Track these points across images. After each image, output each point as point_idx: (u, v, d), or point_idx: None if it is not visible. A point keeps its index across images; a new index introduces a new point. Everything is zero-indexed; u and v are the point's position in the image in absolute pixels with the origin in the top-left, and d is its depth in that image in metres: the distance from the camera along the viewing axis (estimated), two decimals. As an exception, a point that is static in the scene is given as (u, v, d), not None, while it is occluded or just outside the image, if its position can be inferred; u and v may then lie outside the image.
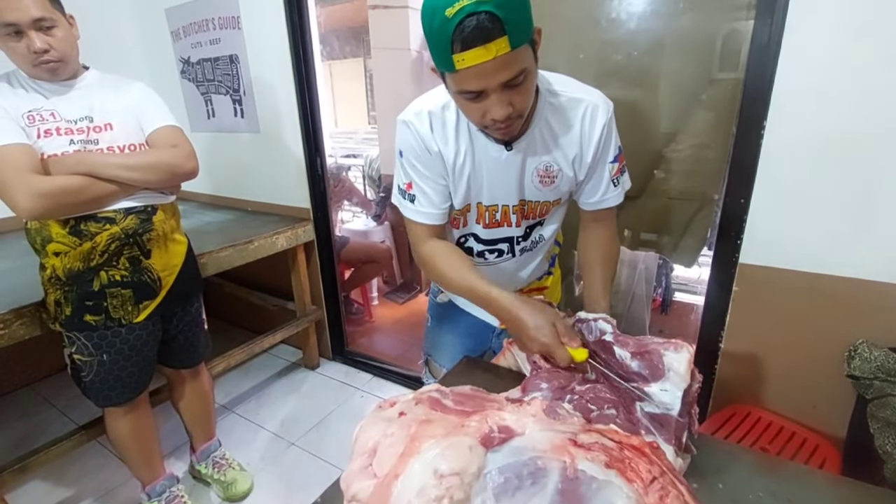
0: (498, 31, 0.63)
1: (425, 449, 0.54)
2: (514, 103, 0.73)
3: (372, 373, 2.39)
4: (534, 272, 1.12)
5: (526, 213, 0.97)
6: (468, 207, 0.96)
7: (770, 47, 1.17)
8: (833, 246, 1.21)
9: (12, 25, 1.08)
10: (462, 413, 0.63)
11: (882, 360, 1.18)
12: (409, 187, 0.94)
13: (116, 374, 1.35)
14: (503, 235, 0.99)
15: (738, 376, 1.42)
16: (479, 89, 0.70)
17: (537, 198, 0.95)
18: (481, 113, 0.74)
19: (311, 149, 2.16)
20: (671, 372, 0.70)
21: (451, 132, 0.87)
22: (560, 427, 0.59)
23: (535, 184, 0.92)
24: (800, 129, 1.18)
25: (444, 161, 0.89)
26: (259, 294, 2.55)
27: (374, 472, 0.57)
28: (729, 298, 1.37)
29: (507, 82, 0.69)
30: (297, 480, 1.74)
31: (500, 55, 0.65)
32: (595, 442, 0.56)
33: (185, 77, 2.42)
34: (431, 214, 0.94)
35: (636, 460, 0.55)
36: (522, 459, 0.53)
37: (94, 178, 1.18)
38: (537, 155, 0.89)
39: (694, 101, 1.39)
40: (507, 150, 0.86)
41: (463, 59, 0.65)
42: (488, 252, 1.02)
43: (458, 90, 0.73)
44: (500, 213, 0.95)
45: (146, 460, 1.54)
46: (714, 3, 1.31)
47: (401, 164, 0.93)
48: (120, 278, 1.29)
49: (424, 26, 0.68)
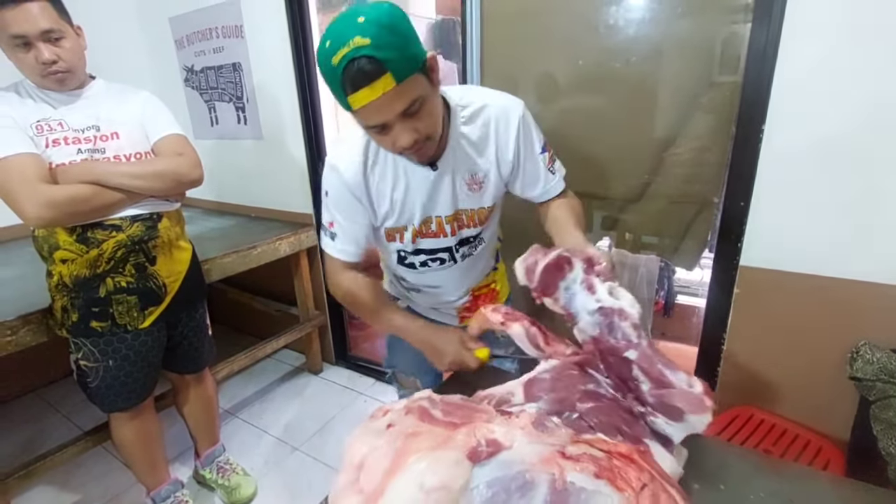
0: (379, 70, 0.68)
1: (411, 463, 0.55)
2: (418, 129, 0.77)
3: (375, 377, 2.39)
4: (481, 273, 1.15)
5: (464, 222, 1.00)
6: (402, 228, 0.98)
7: (767, 51, 1.18)
8: (833, 248, 1.22)
9: (21, 37, 1.10)
10: (450, 425, 0.63)
11: (884, 361, 1.19)
12: (330, 225, 0.98)
13: (122, 380, 1.36)
14: (441, 245, 1.02)
15: (740, 378, 1.42)
16: (380, 123, 0.75)
17: (471, 205, 0.98)
18: (390, 143, 0.79)
19: (313, 155, 2.17)
20: (687, 424, 0.66)
21: (385, 163, 0.91)
22: (548, 439, 0.59)
23: (465, 192, 0.96)
24: (799, 131, 1.18)
25: (373, 195, 0.93)
26: (262, 299, 2.57)
27: (362, 487, 0.57)
28: (730, 301, 1.38)
29: (404, 112, 0.74)
30: (301, 485, 1.75)
31: (387, 91, 0.70)
32: (583, 453, 0.57)
33: (189, 85, 2.45)
34: (350, 252, 0.98)
35: (625, 468, 0.55)
36: (510, 473, 0.54)
37: (101, 186, 1.20)
38: (462, 167, 0.94)
39: (694, 105, 1.40)
40: (433, 170, 0.91)
41: (355, 99, 0.71)
42: (430, 261, 1.04)
43: (364, 127, 0.79)
44: (435, 225, 0.98)
45: (151, 465, 1.55)
46: (712, 7, 1.32)
47: (325, 203, 0.97)
48: (126, 285, 1.30)
49: (321, 72, 0.73)
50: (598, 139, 1.51)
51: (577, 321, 0.76)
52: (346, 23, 0.68)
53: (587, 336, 0.75)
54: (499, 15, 1.57)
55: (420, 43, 0.74)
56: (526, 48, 1.57)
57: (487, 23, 1.60)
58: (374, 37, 0.66)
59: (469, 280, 1.13)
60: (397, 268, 1.08)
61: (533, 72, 1.58)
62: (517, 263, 0.82)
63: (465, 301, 1.17)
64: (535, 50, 1.55)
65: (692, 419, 0.65)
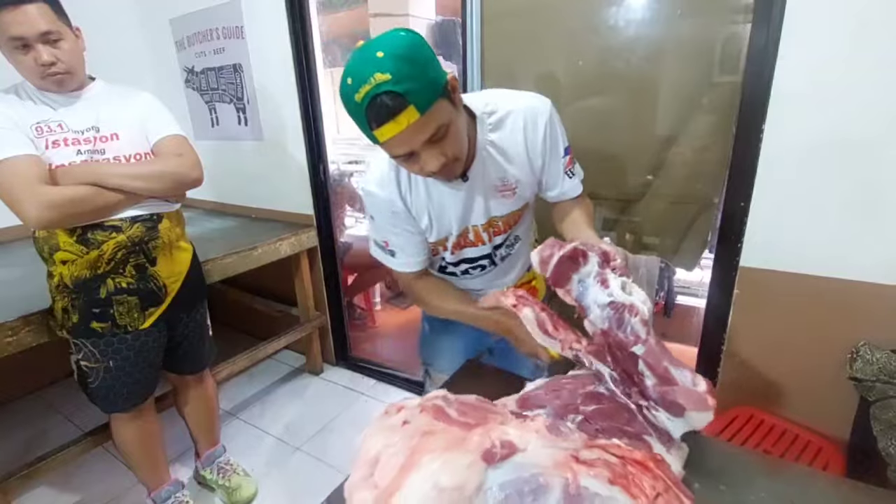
0: (401, 104, 0.69)
1: (426, 462, 0.55)
2: (445, 152, 0.78)
3: (375, 378, 2.39)
4: (521, 269, 1.16)
5: (499, 228, 1.01)
6: (444, 240, 1.00)
7: (767, 51, 1.18)
8: (833, 248, 1.22)
9: (20, 39, 1.10)
10: (465, 425, 0.63)
11: (884, 361, 1.19)
12: (386, 244, 1.01)
13: (122, 381, 1.36)
14: (481, 253, 1.04)
15: (740, 379, 1.42)
16: (406, 152, 0.76)
17: (504, 211, 0.99)
18: (418, 169, 0.80)
19: (313, 155, 2.18)
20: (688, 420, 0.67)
21: (415, 179, 0.93)
22: (562, 443, 0.59)
23: (498, 199, 0.97)
24: (798, 131, 1.19)
25: (413, 210, 0.95)
26: (263, 300, 2.57)
27: (376, 482, 0.57)
28: (730, 301, 1.38)
29: (429, 139, 0.75)
30: (302, 486, 1.75)
31: (412, 123, 0.71)
32: (597, 458, 0.57)
33: (190, 86, 2.45)
34: (413, 263, 1.01)
35: (640, 475, 0.55)
36: (524, 476, 0.54)
37: (101, 187, 1.20)
38: (491, 175, 0.94)
39: (695, 105, 1.40)
40: (464, 181, 0.91)
41: (381, 133, 0.72)
42: (471, 269, 1.07)
43: (391, 156, 0.80)
44: (472, 234, 1.00)
45: (152, 466, 1.55)
46: (712, 8, 1.32)
47: (374, 225, 1.00)
48: (126, 285, 1.30)
49: (345, 108, 0.74)
50: (598, 139, 1.51)
51: (587, 314, 0.77)
52: (365, 59, 0.69)
53: (597, 329, 0.76)
54: (499, 15, 1.58)
55: (439, 66, 0.74)
56: (526, 49, 1.57)
57: (487, 23, 1.60)
58: (394, 72, 0.67)
59: (509, 278, 1.15)
60: (439, 273, 1.11)
61: (533, 72, 1.59)
62: (533, 253, 0.83)
63: None
64: (536, 50, 1.55)
65: (693, 416, 0.65)
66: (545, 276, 0.81)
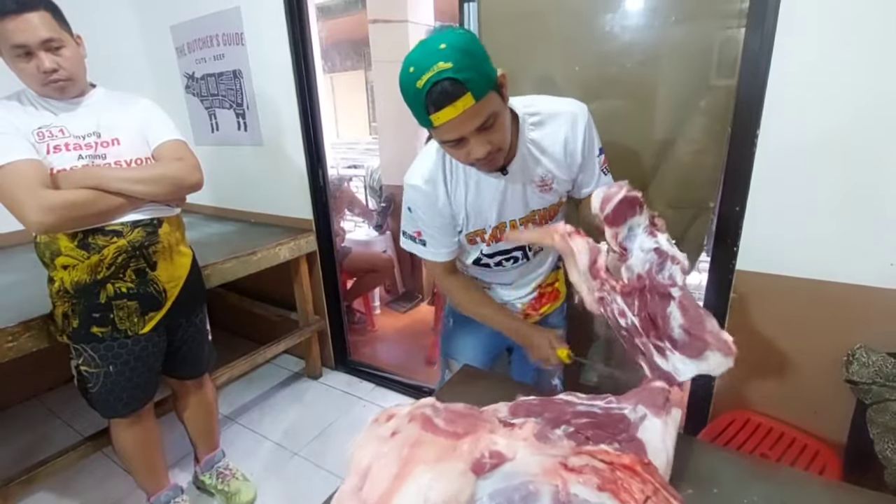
0: (460, 91, 0.75)
1: (416, 475, 0.55)
2: (492, 141, 0.84)
3: (374, 382, 2.40)
4: (549, 267, 1.24)
5: (536, 221, 1.08)
6: (482, 231, 1.07)
7: (761, 55, 1.19)
8: (829, 252, 1.23)
9: (22, 47, 1.12)
10: (453, 435, 0.63)
11: (880, 364, 1.19)
12: (418, 234, 1.09)
13: (122, 385, 1.37)
14: (514, 246, 1.10)
15: (737, 382, 1.43)
16: (457, 138, 0.82)
17: (542, 205, 1.06)
18: (465, 155, 0.86)
19: (313, 160, 2.19)
20: (707, 362, 0.73)
21: (456, 176, 1.00)
22: (551, 450, 0.60)
23: (537, 194, 1.04)
24: (793, 135, 1.19)
25: (453, 206, 1.02)
26: (262, 304, 2.57)
27: (366, 495, 0.57)
28: (727, 305, 1.38)
29: (480, 126, 0.81)
30: (300, 490, 1.75)
31: (467, 109, 0.77)
32: (586, 464, 0.57)
33: (190, 92, 2.46)
34: (443, 253, 1.10)
35: (628, 480, 0.55)
36: (513, 484, 0.54)
37: (102, 191, 1.21)
38: (531, 171, 1.01)
39: (692, 108, 1.41)
40: (503, 175, 0.97)
41: (437, 118, 0.78)
42: (505, 261, 1.14)
43: (441, 141, 0.86)
44: (510, 227, 1.07)
45: (151, 471, 1.55)
46: (708, 12, 1.33)
47: (409, 217, 1.08)
48: (126, 290, 1.31)
49: (404, 95, 0.81)
50: (594, 144, 1.52)
51: (628, 258, 0.84)
52: (428, 50, 0.76)
53: (633, 274, 0.82)
54: (496, 21, 1.59)
55: (491, 63, 0.81)
56: (523, 53, 1.58)
57: (485, 29, 1.62)
58: (455, 61, 0.74)
59: (538, 275, 1.22)
60: (472, 269, 1.18)
61: (530, 77, 1.60)
62: (596, 192, 0.87)
63: (531, 298, 1.24)
64: (533, 55, 1.57)
65: (713, 357, 0.72)
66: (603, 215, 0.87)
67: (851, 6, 1.07)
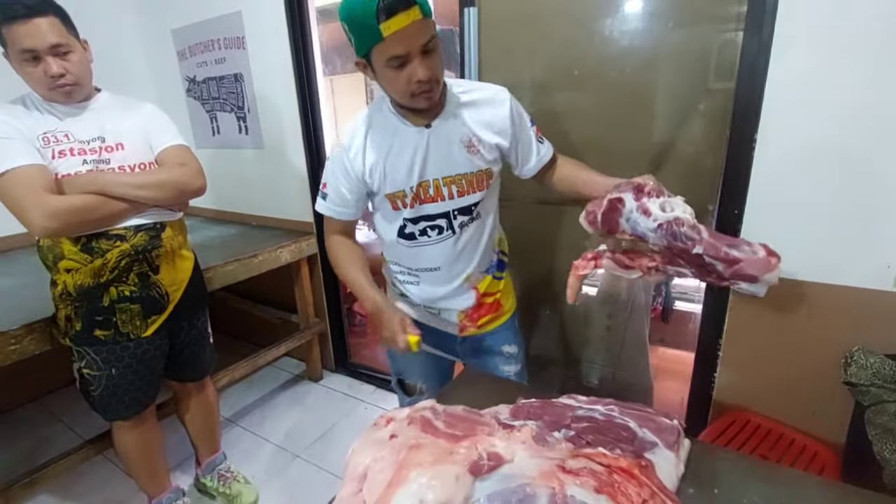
0: (410, 2, 0.83)
1: (413, 478, 0.55)
2: (431, 68, 0.90)
3: (375, 384, 2.40)
4: (480, 259, 1.18)
5: (463, 187, 1.08)
6: (402, 193, 1.07)
7: (759, 59, 1.20)
8: (826, 255, 1.24)
9: (31, 51, 1.13)
10: (452, 437, 0.64)
11: (878, 366, 1.20)
12: (324, 187, 1.14)
13: (125, 388, 1.37)
14: (440, 210, 1.09)
15: (737, 383, 1.44)
16: (404, 52, 0.87)
17: (470, 168, 1.07)
18: (407, 78, 0.90)
19: (314, 163, 2.20)
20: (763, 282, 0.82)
21: (381, 132, 1.05)
22: (549, 453, 0.60)
23: (465, 155, 1.05)
24: (790, 139, 1.21)
25: (366, 159, 1.05)
26: (263, 307, 2.58)
27: (364, 499, 0.58)
28: (726, 307, 1.39)
29: (424, 45, 0.87)
30: (302, 493, 1.75)
31: (416, 20, 0.84)
32: (583, 467, 0.57)
33: (191, 95, 2.47)
34: (337, 210, 1.14)
35: (625, 483, 0.56)
36: (511, 486, 0.54)
37: (106, 196, 1.22)
38: (456, 130, 1.04)
39: (690, 112, 1.42)
40: (426, 128, 1.02)
41: (388, 25, 0.83)
42: (430, 229, 1.11)
43: (386, 58, 0.88)
44: (433, 188, 1.06)
45: (152, 474, 1.56)
46: (706, 16, 1.34)
47: (325, 168, 1.13)
48: (129, 294, 1.32)
49: (345, 17, 0.87)
50: (594, 147, 1.53)
51: (647, 240, 0.88)
52: None
53: (660, 248, 0.88)
54: (496, 25, 1.60)
55: None
56: (523, 58, 1.60)
57: (485, 33, 1.63)
58: None
59: (467, 262, 1.16)
60: (398, 246, 1.15)
61: (530, 81, 1.61)
62: (581, 219, 0.95)
63: (468, 304, 1.19)
64: (532, 60, 1.58)
65: (766, 277, 0.80)
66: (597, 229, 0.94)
67: (848, 18, 1.09)
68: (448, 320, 1.22)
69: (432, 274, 1.16)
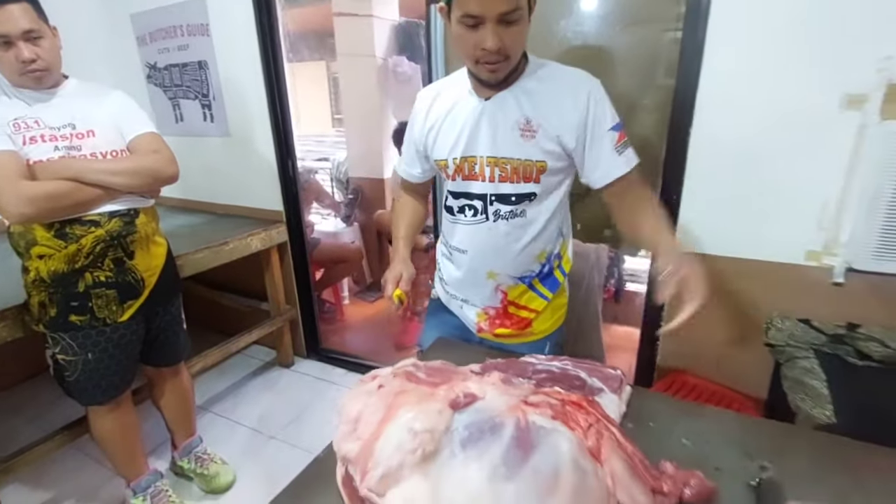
0: None
1: (401, 414, 0.65)
2: (504, 41, 0.85)
3: (346, 368, 2.47)
4: (514, 263, 1.09)
5: (507, 172, 0.99)
6: (444, 163, 1.05)
7: (694, 58, 1.33)
8: (750, 234, 1.41)
9: (3, 36, 1.13)
10: (432, 384, 0.74)
11: (792, 329, 1.40)
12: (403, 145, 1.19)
13: (101, 373, 1.39)
14: (478, 191, 1.03)
15: (676, 350, 1.62)
16: (479, 13, 0.83)
17: (517, 154, 0.98)
18: (474, 43, 0.86)
19: (282, 151, 2.22)
20: None
21: (445, 99, 1.05)
22: (514, 391, 0.72)
23: (517, 138, 0.97)
24: (720, 133, 1.36)
25: (426, 121, 1.07)
26: (231, 296, 2.58)
27: (359, 435, 0.67)
28: (668, 282, 1.56)
29: (503, 14, 0.82)
30: (280, 470, 1.81)
31: None
32: (542, 401, 0.69)
33: (152, 82, 2.43)
34: (404, 169, 1.21)
35: (575, 413, 0.68)
36: (484, 417, 0.65)
37: (81, 182, 1.23)
38: (515, 110, 0.97)
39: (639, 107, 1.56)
40: (485, 101, 0.98)
41: None
42: (467, 208, 1.06)
43: (461, 13, 0.84)
44: (478, 166, 1.01)
45: (130, 457, 1.57)
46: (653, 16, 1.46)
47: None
48: (105, 279, 1.33)
49: None
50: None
51: None
52: None
53: None
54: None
55: None
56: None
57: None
58: None
59: (496, 258, 1.08)
60: (445, 214, 1.14)
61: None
62: None
63: (490, 302, 1.14)
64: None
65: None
66: None
67: (767, 26, 1.25)
68: (468, 316, 1.19)
69: (461, 256, 1.11)
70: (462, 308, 1.19)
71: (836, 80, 1.20)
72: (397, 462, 0.58)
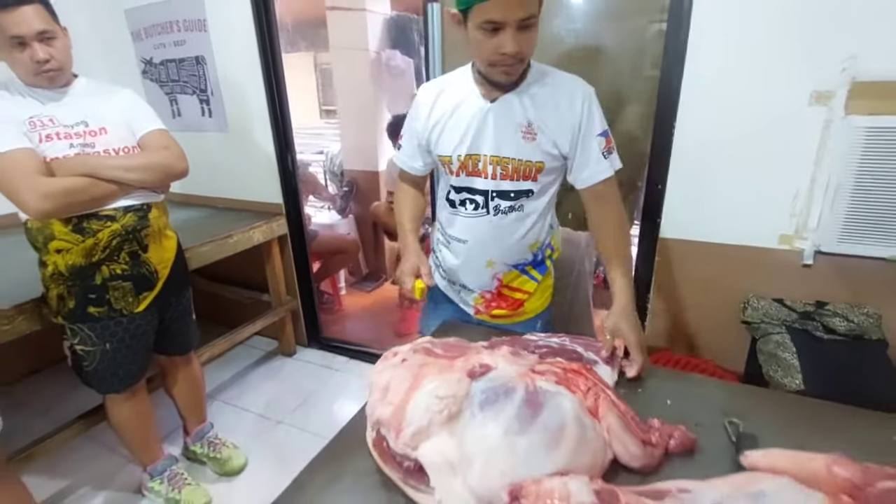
0: None
1: (426, 383, 0.74)
2: (521, 45, 0.91)
3: (348, 355, 2.55)
4: (510, 252, 1.17)
5: (508, 171, 1.07)
6: (448, 159, 1.11)
7: (678, 50, 1.42)
8: (730, 221, 1.53)
9: (18, 38, 1.17)
10: (450, 357, 0.84)
11: (766, 307, 1.52)
12: (399, 137, 1.23)
13: (119, 362, 1.45)
14: (480, 187, 1.10)
15: (662, 328, 1.73)
16: (501, 20, 0.87)
17: (518, 154, 1.05)
18: (493, 47, 0.91)
19: (281, 144, 2.27)
20: None
21: (449, 96, 1.09)
22: (522, 362, 0.82)
23: (518, 139, 1.04)
24: (703, 126, 1.47)
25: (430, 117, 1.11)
26: (232, 288, 2.64)
27: (391, 401, 0.77)
28: (653, 268, 1.67)
29: (523, 20, 0.88)
30: (290, 453, 1.89)
31: None
32: (547, 369, 0.79)
33: (148, 77, 2.44)
34: (404, 161, 1.23)
35: (576, 378, 0.79)
36: (497, 384, 0.74)
37: (96, 178, 1.29)
38: (519, 113, 1.04)
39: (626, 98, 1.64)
40: (491, 103, 1.04)
41: None
42: (468, 202, 1.13)
43: (483, 20, 0.89)
44: (481, 163, 1.08)
45: (146, 443, 1.65)
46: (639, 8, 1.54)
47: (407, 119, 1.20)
48: (121, 272, 1.39)
49: None
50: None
51: None
52: None
53: None
54: (456, 20, 1.76)
55: None
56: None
57: (447, 27, 1.78)
58: None
59: (494, 248, 1.16)
60: (443, 207, 1.20)
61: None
62: None
63: (487, 286, 1.22)
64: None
65: None
66: None
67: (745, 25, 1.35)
68: (466, 300, 1.27)
69: (460, 245, 1.18)
70: (460, 293, 1.27)
71: (807, 77, 1.31)
72: (427, 421, 0.67)
